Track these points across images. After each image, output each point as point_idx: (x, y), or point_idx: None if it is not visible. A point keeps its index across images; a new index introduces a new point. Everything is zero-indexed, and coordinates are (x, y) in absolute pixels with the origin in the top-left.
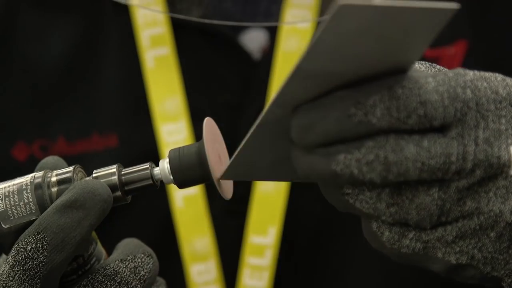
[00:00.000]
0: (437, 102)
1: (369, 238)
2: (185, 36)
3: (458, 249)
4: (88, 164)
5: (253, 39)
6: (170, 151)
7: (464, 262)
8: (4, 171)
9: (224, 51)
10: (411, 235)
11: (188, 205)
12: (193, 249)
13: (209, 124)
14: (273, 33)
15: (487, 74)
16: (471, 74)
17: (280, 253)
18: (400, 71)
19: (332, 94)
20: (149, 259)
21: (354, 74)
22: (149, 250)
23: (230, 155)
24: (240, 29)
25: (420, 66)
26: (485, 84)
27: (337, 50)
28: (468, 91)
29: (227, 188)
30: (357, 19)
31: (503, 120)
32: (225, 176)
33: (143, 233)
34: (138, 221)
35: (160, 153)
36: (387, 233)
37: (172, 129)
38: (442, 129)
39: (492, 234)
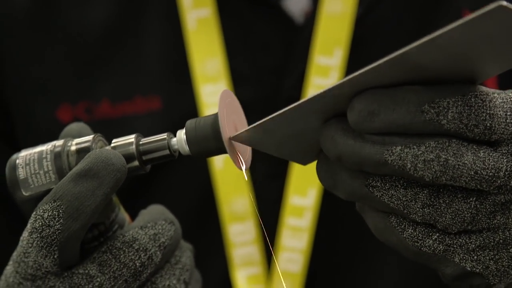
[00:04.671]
0: (502, 118)
1: (381, 231)
2: None
3: (476, 257)
4: (131, 126)
5: (295, 3)
6: (188, 122)
7: (477, 271)
8: (49, 133)
9: (266, 14)
10: (435, 236)
11: (227, 166)
12: (232, 210)
13: (226, 95)
14: None
15: None
16: None
17: (320, 215)
18: (470, 81)
19: (406, 87)
20: (171, 226)
21: (436, 73)
22: (171, 217)
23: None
24: None
25: None
26: None
27: (454, 47)
28: None
29: (243, 159)
30: (499, 23)
31: None
32: (238, 138)
33: (183, 194)
34: (178, 182)
35: (201, 115)
36: (410, 230)
37: (212, 90)
38: (492, 143)
39: None
